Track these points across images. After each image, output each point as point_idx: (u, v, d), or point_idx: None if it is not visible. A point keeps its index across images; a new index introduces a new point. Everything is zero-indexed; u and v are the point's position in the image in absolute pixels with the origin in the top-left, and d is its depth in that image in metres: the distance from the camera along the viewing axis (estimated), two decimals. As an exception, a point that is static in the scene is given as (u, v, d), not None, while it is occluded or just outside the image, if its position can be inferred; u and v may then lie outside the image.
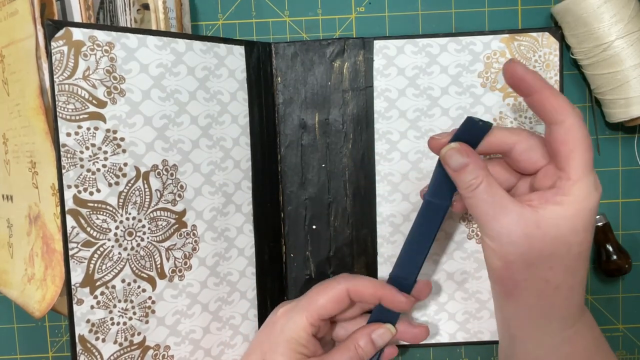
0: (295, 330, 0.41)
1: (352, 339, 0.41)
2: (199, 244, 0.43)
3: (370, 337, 0.41)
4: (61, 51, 0.37)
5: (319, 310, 0.41)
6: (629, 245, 0.51)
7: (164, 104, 0.41)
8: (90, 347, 0.38)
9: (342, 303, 0.41)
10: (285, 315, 0.42)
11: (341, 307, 0.41)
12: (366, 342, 0.41)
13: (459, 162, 0.35)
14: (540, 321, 0.35)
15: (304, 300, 0.42)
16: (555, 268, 0.33)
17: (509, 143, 0.36)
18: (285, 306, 0.44)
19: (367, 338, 0.41)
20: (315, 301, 0.41)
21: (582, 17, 0.45)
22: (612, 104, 0.47)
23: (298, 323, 0.41)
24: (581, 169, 0.32)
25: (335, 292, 0.41)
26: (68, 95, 0.37)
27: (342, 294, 0.41)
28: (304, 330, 0.40)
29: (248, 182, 0.46)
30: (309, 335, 0.41)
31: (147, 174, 0.40)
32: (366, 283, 0.41)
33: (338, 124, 0.48)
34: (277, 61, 0.48)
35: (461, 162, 0.35)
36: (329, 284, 0.42)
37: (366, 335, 0.41)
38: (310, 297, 0.42)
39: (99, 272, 0.39)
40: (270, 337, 0.42)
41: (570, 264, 0.33)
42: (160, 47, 0.41)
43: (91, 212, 0.38)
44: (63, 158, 0.37)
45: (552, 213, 0.32)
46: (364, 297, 0.41)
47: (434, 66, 0.48)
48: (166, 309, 0.42)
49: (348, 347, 0.41)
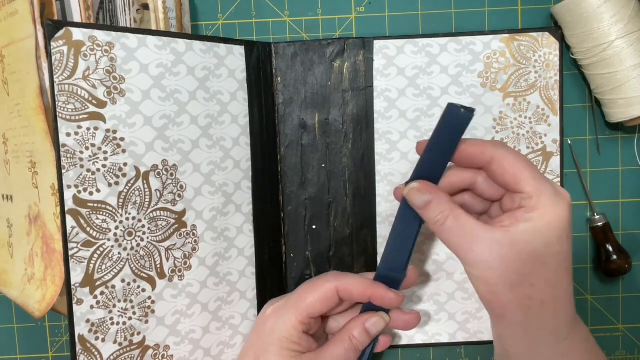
0: (285, 330, 0.40)
1: (346, 330, 0.41)
2: (198, 244, 0.43)
3: (364, 327, 0.41)
4: (61, 51, 0.37)
5: (307, 309, 0.40)
6: (629, 245, 0.51)
7: (164, 104, 0.41)
8: (90, 347, 0.38)
9: (331, 301, 0.41)
10: (275, 314, 0.42)
11: (330, 305, 0.41)
12: (360, 332, 0.41)
13: (422, 200, 0.35)
14: (532, 337, 0.35)
15: (292, 299, 0.42)
16: (537, 284, 0.33)
17: (466, 182, 0.38)
18: (273, 305, 0.43)
19: (361, 328, 0.41)
20: (304, 300, 0.41)
21: (582, 17, 0.45)
22: (612, 104, 0.47)
23: (287, 322, 0.40)
24: (533, 183, 0.33)
25: (324, 291, 0.41)
26: (68, 96, 0.37)
27: (331, 293, 0.41)
28: (295, 328, 0.40)
29: (248, 182, 0.46)
30: (300, 333, 0.40)
31: (147, 174, 0.40)
32: (355, 282, 0.41)
33: (338, 124, 0.48)
34: (277, 61, 0.48)
35: (424, 200, 0.35)
36: (317, 282, 0.42)
37: (360, 324, 0.41)
38: (299, 295, 0.41)
39: (98, 272, 0.39)
40: (260, 337, 0.42)
41: (551, 278, 0.33)
42: (160, 47, 0.41)
43: (91, 212, 0.38)
44: (63, 158, 0.37)
45: (524, 231, 0.33)
46: (353, 296, 0.41)
47: (434, 66, 0.48)
48: (166, 308, 0.42)
49: (342, 339, 0.41)
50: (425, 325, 0.50)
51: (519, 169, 0.34)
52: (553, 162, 0.48)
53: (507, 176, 0.34)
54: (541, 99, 0.48)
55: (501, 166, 0.34)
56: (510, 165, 0.34)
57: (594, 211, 0.50)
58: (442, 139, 0.35)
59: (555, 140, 0.48)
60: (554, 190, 0.34)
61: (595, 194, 0.51)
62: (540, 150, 0.48)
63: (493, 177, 0.36)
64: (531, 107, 0.48)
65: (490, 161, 0.35)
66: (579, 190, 0.51)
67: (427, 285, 0.49)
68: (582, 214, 0.51)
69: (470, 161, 0.36)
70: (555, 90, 0.48)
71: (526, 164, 0.34)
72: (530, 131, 0.48)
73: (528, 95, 0.48)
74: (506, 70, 0.48)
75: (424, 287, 0.49)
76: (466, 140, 0.36)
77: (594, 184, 0.51)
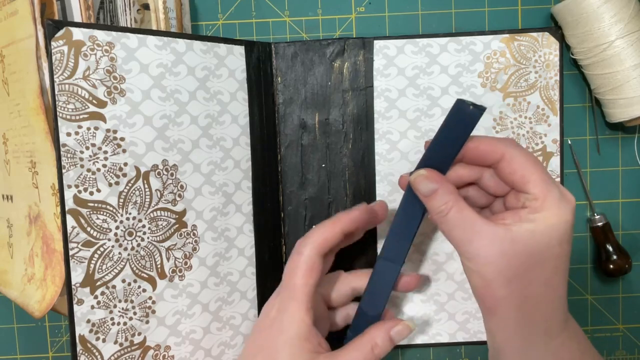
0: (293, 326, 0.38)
1: (369, 337, 0.39)
2: (199, 244, 0.43)
3: (388, 335, 0.39)
4: (61, 51, 0.37)
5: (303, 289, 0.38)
6: (629, 245, 0.51)
7: (164, 104, 0.41)
8: (91, 347, 0.38)
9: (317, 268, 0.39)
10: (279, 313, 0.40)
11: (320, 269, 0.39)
12: (384, 340, 0.39)
13: (428, 188, 0.35)
14: (523, 335, 0.35)
15: (285, 290, 0.39)
16: (533, 283, 0.33)
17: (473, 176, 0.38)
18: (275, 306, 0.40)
19: (384, 335, 0.39)
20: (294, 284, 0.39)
21: (582, 16, 0.45)
22: (612, 103, 0.47)
23: (294, 316, 0.38)
24: (541, 186, 0.33)
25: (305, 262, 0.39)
26: (68, 95, 0.37)
27: (312, 260, 0.39)
28: (302, 321, 0.38)
29: (248, 182, 0.46)
30: (309, 326, 0.38)
31: (147, 174, 0.40)
32: (328, 230, 0.39)
33: (338, 124, 0.48)
34: (277, 61, 0.48)
35: (430, 188, 0.35)
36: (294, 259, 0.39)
37: (384, 332, 0.39)
38: (287, 281, 0.39)
39: (99, 272, 0.39)
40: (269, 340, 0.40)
41: (548, 278, 0.34)
42: (160, 47, 0.41)
43: (91, 212, 0.38)
44: (63, 158, 0.37)
45: (526, 231, 0.33)
46: (335, 242, 0.40)
47: (434, 66, 0.48)
48: (166, 309, 0.42)
49: (364, 345, 0.39)
50: (425, 325, 0.50)
51: (529, 170, 0.34)
52: (553, 162, 0.48)
53: (515, 176, 0.34)
54: (541, 99, 0.48)
55: (510, 166, 0.34)
56: (519, 165, 0.34)
57: (594, 211, 0.50)
58: (449, 135, 0.35)
59: (555, 140, 0.48)
60: (560, 194, 0.34)
61: (595, 194, 0.51)
62: (540, 150, 0.48)
63: (501, 175, 0.36)
64: (531, 107, 0.48)
65: (500, 159, 0.35)
66: (579, 190, 0.51)
67: (427, 285, 0.49)
68: (582, 214, 0.51)
69: (481, 160, 0.36)
70: (555, 91, 0.48)
71: (536, 165, 0.34)
72: (530, 131, 0.48)
73: (528, 96, 0.48)
74: (506, 70, 0.48)
75: (424, 287, 0.49)
76: (476, 137, 0.36)
77: (594, 184, 0.51)
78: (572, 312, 0.50)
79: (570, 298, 0.52)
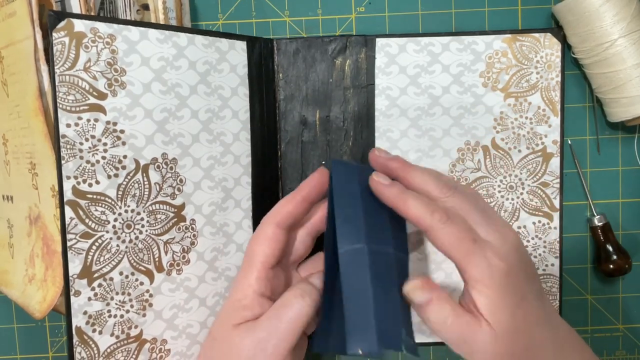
0: (237, 290, 0.38)
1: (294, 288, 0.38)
2: (197, 239, 0.43)
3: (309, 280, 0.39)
4: (62, 42, 0.37)
5: (257, 257, 0.38)
6: (629, 245, 0.51)
7: (165, 98, 0.41)
8: (87, 338, 0.38)
9: (276, 239, 0.38)
10: (235, 281, 0.39)
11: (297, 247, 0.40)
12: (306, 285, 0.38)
13: (423, 298, 0.35)
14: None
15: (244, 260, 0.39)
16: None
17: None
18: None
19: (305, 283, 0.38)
20: (250, 251, 0.38)
21: (583, 16, 0.45)
22: (614, 103, 0.47)
23: (242, 281, 0.38)
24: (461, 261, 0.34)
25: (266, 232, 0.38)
26: (69, 86, 0.37)
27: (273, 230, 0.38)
28: (250, 286, 0.37)
29: (248, 177, 0.46)
30: (255, 293, 0.37)
31: (147, 167, 0.40)
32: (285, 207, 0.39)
33: (339, 121, 0.48)
34: (278, 57, 0.48)
35: (426, 298, 0.35)
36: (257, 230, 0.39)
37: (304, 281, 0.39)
38: (246, 251, 0.39)
39: (96, 264, 0.38)
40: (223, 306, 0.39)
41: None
42: (161, 40, 0.41)
43: (90, 204, 0.38)
44: (63, 149, 0.37)
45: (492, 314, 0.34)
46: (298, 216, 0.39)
47: (436, 65, 0.48)
48: (163, 302, 0.42)
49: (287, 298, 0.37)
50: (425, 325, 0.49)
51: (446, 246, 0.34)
52: (553, 163, 0.48)
53: (441, 249, 0.35)
54: (542, 99, 0.48)
55: (434, 240, 0.35)
56: (439, 246, 0.34)
57: (594, 211, 0.50)
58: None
59: (555, 141, 0.48)
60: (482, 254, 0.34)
61: (595, 194, 0.51)
62: (541, 151, 0.48)
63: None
64: (532, 108, 0.48)
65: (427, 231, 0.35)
66: (579, 190, 0.51)
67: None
68: (582, 214, 0.51)
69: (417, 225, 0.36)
70: (556, 92, 0.48)
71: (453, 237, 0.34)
72: (530, 132, 0.48)
73: (529, 96, 0.48)
74: (508, 71, 0.48)
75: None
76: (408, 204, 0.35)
77: (594, 184, 0.51)
78: (572, 312, 0.51)
79: (570, 298, 0.51)
